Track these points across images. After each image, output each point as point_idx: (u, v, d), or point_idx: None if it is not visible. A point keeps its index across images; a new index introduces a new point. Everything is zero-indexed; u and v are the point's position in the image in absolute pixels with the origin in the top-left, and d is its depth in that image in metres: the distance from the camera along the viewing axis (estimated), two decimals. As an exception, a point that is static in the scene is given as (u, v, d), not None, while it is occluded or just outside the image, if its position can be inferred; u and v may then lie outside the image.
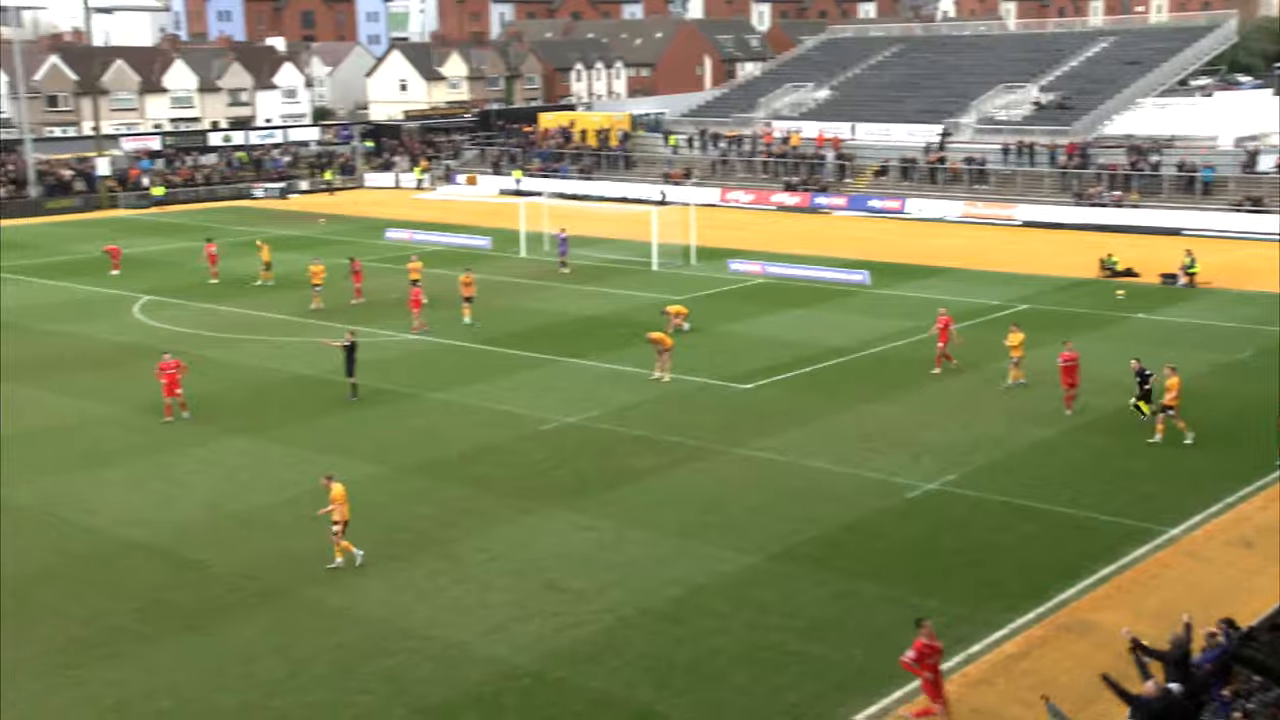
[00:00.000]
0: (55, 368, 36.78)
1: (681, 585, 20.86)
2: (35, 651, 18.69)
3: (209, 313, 44.89)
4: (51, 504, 25.05)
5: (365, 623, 19.62)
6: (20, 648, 18.79)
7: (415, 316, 40.77)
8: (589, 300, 46.39)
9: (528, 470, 26.98)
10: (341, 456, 27.88)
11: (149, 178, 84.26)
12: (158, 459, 27.96)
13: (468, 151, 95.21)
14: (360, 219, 72.51)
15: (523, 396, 32.96)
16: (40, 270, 55.40)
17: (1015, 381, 32.63)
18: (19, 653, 18.64)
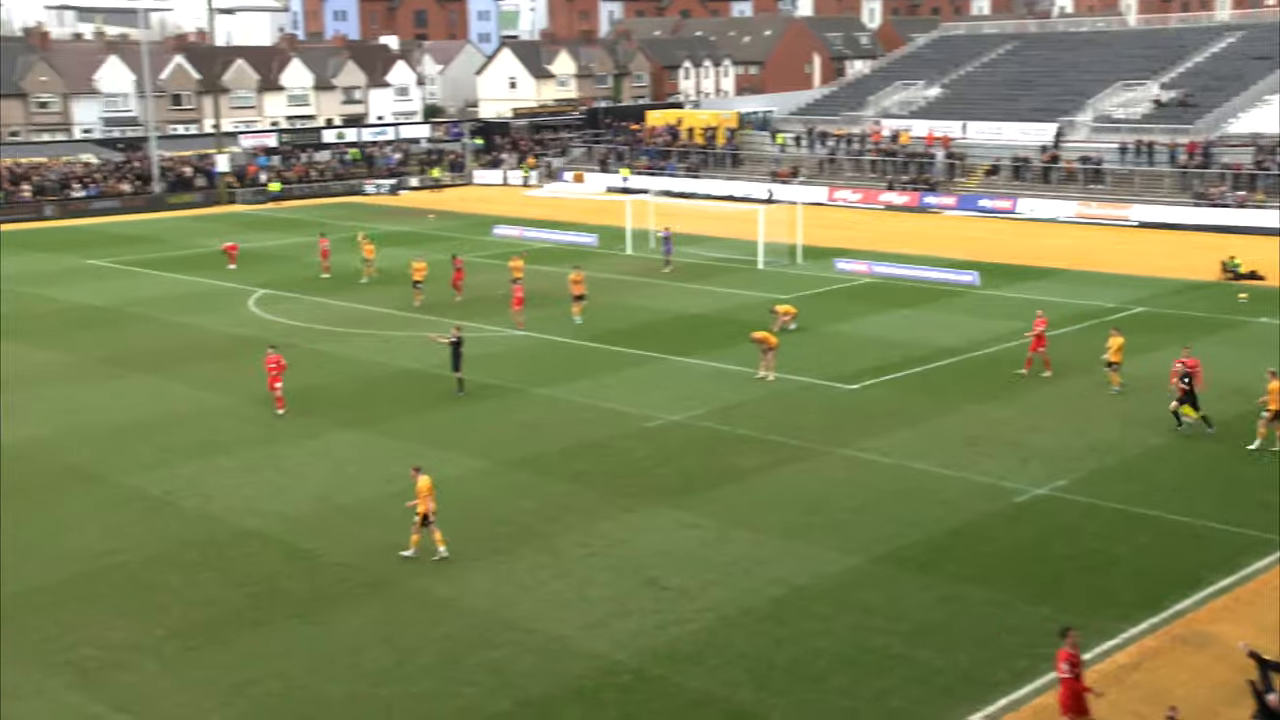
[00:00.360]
0: (176, 358, 37.86)
1: (784, 585, 20.73)
2: (158, 634, 19.27)
3: (321, 307, 45.81)
4: (172, 491, 25.80)
5: (470, 614, 19.84)
6: (144, 630, 19.39)
7: (516, 314, 41.06)
8: (694, 298, 46.34)
9: (630, 467, 27.04)
10: (447, 450, 28.24)
11: (266, 174, 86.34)
12: (270, 449, 28.62)
13: (575, 149, 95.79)
14: (468, 215, 73.38)
15: (627, 393, 33.05)
16: (164, 264, 57.08)
17: (1115, 387, 31.79)
18: (144, 634, 19.24)
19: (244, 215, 76.58)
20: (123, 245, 63.63)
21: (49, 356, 38.30)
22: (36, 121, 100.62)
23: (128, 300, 47.71)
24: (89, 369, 36.65)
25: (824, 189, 76.06)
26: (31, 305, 47.18)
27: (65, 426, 30.75)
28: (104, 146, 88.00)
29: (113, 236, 67.31)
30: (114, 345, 39.81)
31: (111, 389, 34.31)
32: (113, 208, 78.28)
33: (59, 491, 25.90)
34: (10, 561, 22.13)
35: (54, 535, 23.38)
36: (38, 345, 39.94)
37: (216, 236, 63.95)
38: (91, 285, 51.40)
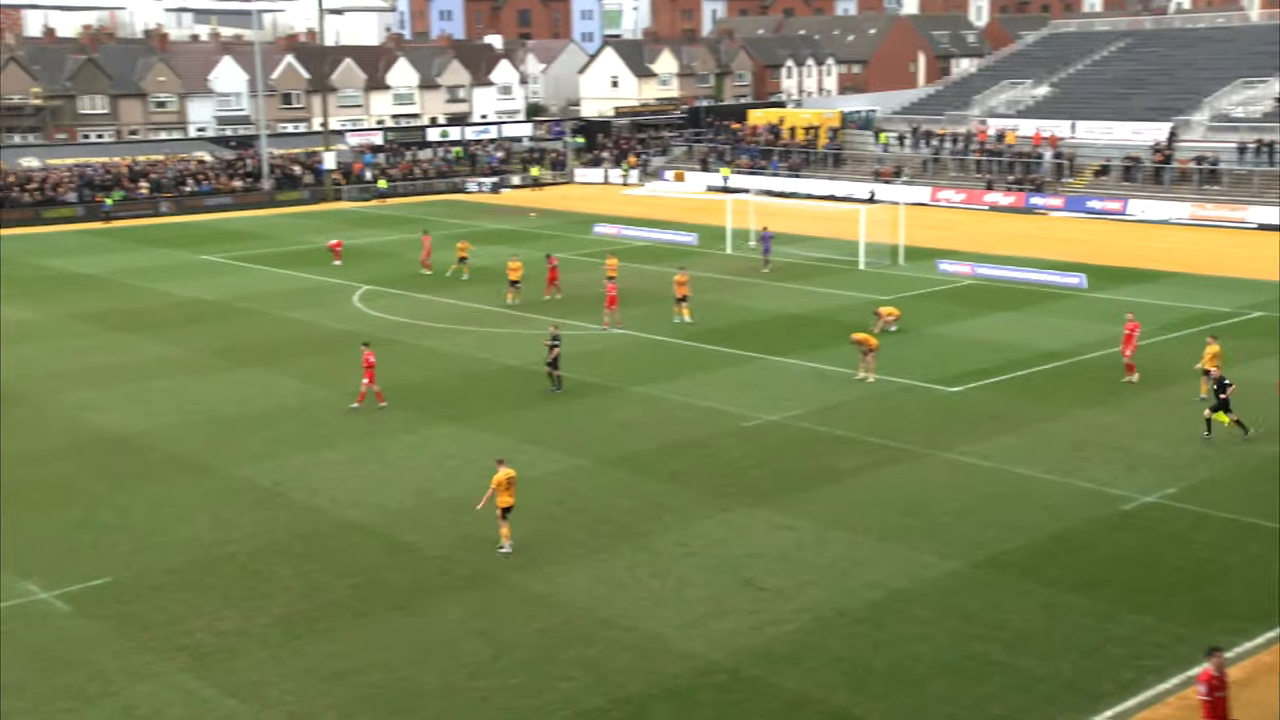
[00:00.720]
0: (283, 352, 38.73)
1: (881, 589, 20.56)
2: (264, 622, 19.75)
3: (423, 303, 46.49)
4: (280, 483, 26.41)
5: (566, 610, 20.00)
6: (252, 617, 19.89)
7: (610, 313, 41.10)
8: (794, 298, 46.12)
9: (728, 467, 27.02)
10: (546, 447, 28.49)
11: (371, 171, 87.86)
12: (372, 443, 29.13)
13: (676, 148, 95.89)
14: (569, 214, 73.88)
15: (725, 393, 33.02)
16: (272, 259, 58.44)
17: (1203, 396, 30.92)
18: (252, 622, 19.74)
19: (349, 212, 78.02)
20: (234, 241, 65.27)
21: (165, 350, 39.45)
22: (154, 120, 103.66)
23: (238, 295, 48.93)
24: (201, 362, 37.67)
25: (927, 189, 75.14)
26: (149, 299, 48.62)
27: (179, 418, 31.65)
28: (217, 144, 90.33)
29: (224, 232, 69.07)
30: (225, 339, 40.86)
31: (222, 382, 35.22)
32: (225, 204, 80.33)
33: (172, 482, 26.66)
34: (127, 549, 22.85)
35: (167, 524, 24.08)
36: (155, 338, 41.15)
37: (322, 233, 65.28)
38: (204, 280, 52.81)
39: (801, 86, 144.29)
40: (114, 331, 42.36)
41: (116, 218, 75.25)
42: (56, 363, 37.74)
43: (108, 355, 38.73)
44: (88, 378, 35.76)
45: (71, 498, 25.64)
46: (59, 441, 29.64)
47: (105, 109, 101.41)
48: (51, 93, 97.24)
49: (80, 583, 21.31)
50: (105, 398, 33.56)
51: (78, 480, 26.79)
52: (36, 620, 19.91)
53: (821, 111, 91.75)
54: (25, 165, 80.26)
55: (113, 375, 36.07)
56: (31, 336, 41.43)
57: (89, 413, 32.11)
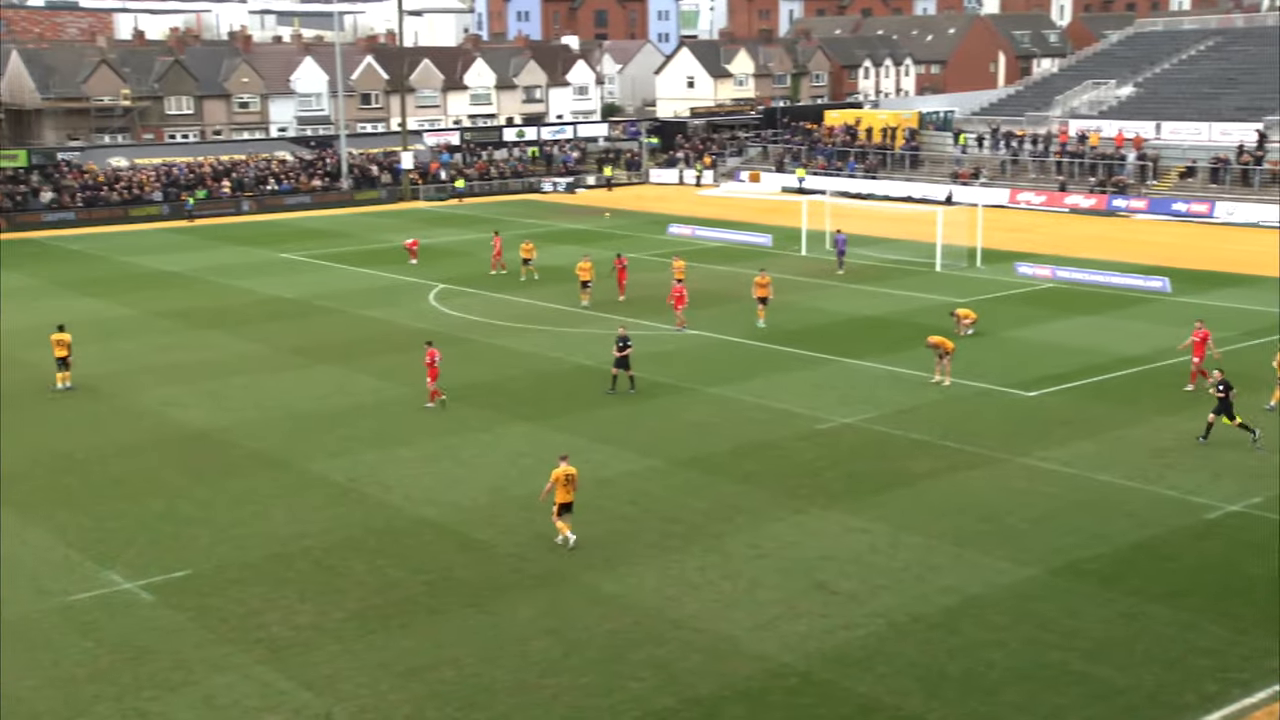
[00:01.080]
0: (360, 350, 39.23)
1: (956, 594, 20.33)
2: (339, 616, 20.00)
3: (498, 302, 46.82)
4: (355, 479, 26.75)
5: (637, 610, 20.02)
6: (327, 612, 20.16)
7: (678, 314, 40.91)
8: (869, 300, 45.79)
9: (801, 469, 26.90)
10: (619, 447, 28.56)
11: (447, 171, 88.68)
12: (446, 441, 29.39)
13: (751, 149, 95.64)
14: (644, 214, 73.98)
15: (799, 394, 32.88)
16: (350, 258, 59.22)
17: (1273, 403, 30.12)
18: (326, 616, 20.00)
19: (425, 211, 78.82)
20: (312, 239, 66.24)
21: (245, 346, 40.14)
22: (237, 121, 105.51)
23: (316, 293, 49.64)
24: (280, 359, 38.27)
25: (1005, 191, 74.18)
26: (230, 297, 49.51)
27: (257, 414, 32.19)
28: (297, 144, 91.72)
29: (303, 231, 70.14)
30: (303, 336, 41.47)
31: (300, 379, 35.76)
32: (304, 203, 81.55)
33: (250, 477, 27.12)
34: (207, 542, 23.28)
35: (246, 519, 24.49)
36: (235, 335, 41.90)
37: (399, 232, 66.00)
38: (284, 278, 53.65)
39: (879, 87, 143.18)
40: (197, 328, 43.19)
41: (199, 216, 76.76)
42: (143, 358, 38.58)
43: (190, 352, 39.50)
44: (172, 374, 36.50)
45: (155, 491, 26.19)
46: (144, 436, 30.29)
47: (190, 109, 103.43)
48: (140, 94, 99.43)
49: (162, 574, 21.75)
50: (188, 394, 34.22)
51: (161, 474, 27.35)
52: (121, 610, 20.35)
53: (899, 112, 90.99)
54: (114, 165, 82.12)
55: (195, 371, 36.77)
56: (121, 333, 42.38)
57: (173, 408, 32.77)
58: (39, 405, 33.26)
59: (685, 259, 48.40)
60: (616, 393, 32.89)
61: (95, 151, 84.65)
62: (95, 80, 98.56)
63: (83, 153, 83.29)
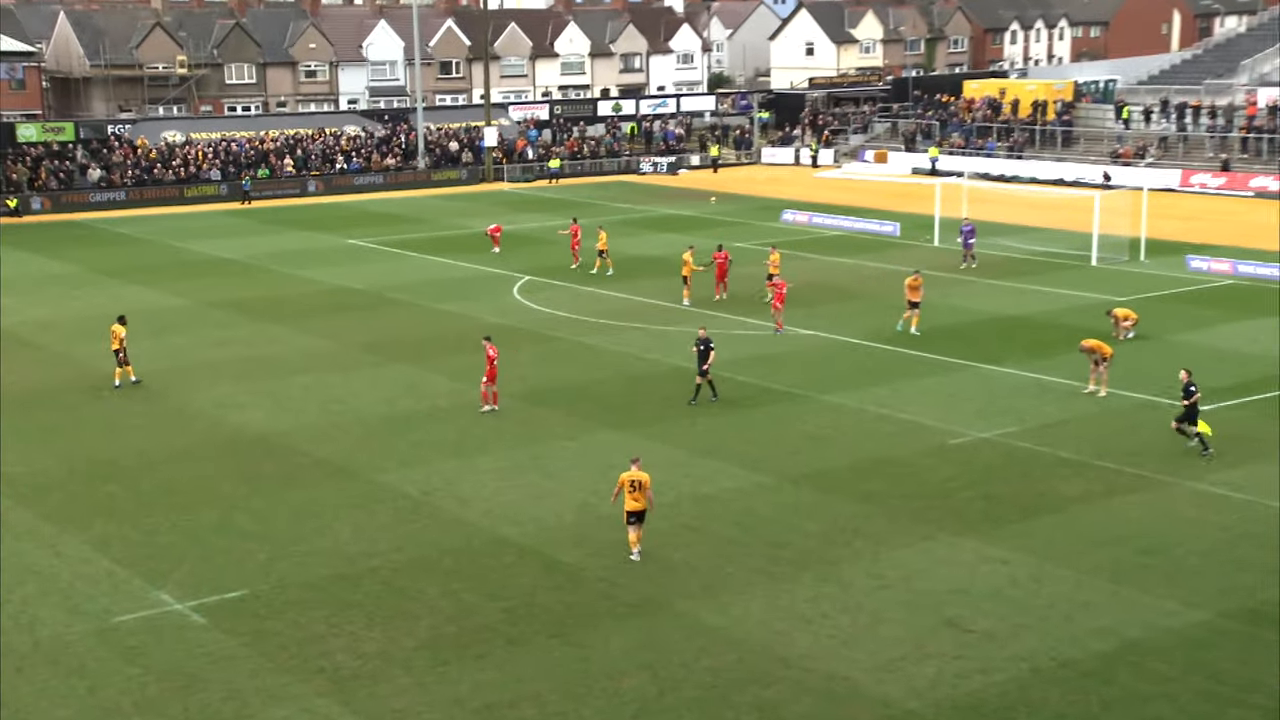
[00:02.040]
0: (436, 348, 39.71)
1: (1112, 638, 19.96)
2: (410, 645, 20.27)
3: (589, 296, 47.09)
4: (429, 492, 27.09)
5: (741, 645, 19.99)
6: (396, 640, 20.44)
7: (776, 314, 40.56)
8: (1011, 298, 45.18)
9: (931, 489, 26.65)
10: (722, 460, 28.54)
11: (535, 149, 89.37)
12: (530, 450, 29.63)
13: (878, 124, 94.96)
14: (754, 198, 73.87)
15: (929, 405, 32.59)
16: (425, 245, 60.00)
17: None
18: (395, 644, 20.28)
19: (510, 194, 79.57)
20: (384, 224, 67.26)
21: (309, 342, 40.88)
22: (304, 91, 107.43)
23: (388, 284, 50.38)
24: (348, 356, 38.91)
25: (1176, 172, 72.67)
26: (292, 287, 50.46)
27: (322, 417, 32.75)
28: (368, 118, 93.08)
29: (374, 214, 71.26)
30: (373, 332, 42.12)
31: (369, 378, 36.32)
32: (375, 183, 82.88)
33: (313, 487, 27.61)
34: (265, 559, 23.74)
35: (307, 534, 24.93)
36: (298, 329, 42.70)
37: (480, 217, 66.73)
38: (351, 267, 54.55)
39: (1027, 53, 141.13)
40: (256, 321, 44.11)
41: (258, 197, 78.30)
42: (197, 354, 39.49)
43: (249, 347, 40.35)
44: (228, 371, 37.32)
45: (208, 501, 26.79)
46: (197, 440, 31.01)
47: (253, 78, 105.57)
48: (197, 61, 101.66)
49: (216, 594, 22.24)
50: (245, 393, 34.96)
51: (215, 482, 27.97)
52: (170, 633, 20.83)
53: (1051, 82, 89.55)
54: (168, 140, 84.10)
55: (254, 369, 37.55)
56: (174, 325, 43.42)
57: (228, 410, 33.50)
58: (80, 405, 34.20)
59: (800, 250, 48.12)
60: (699, 403, 32.79)
61: (148, 125, 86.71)
62: (148, 46, 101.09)
63: (134, 126, 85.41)
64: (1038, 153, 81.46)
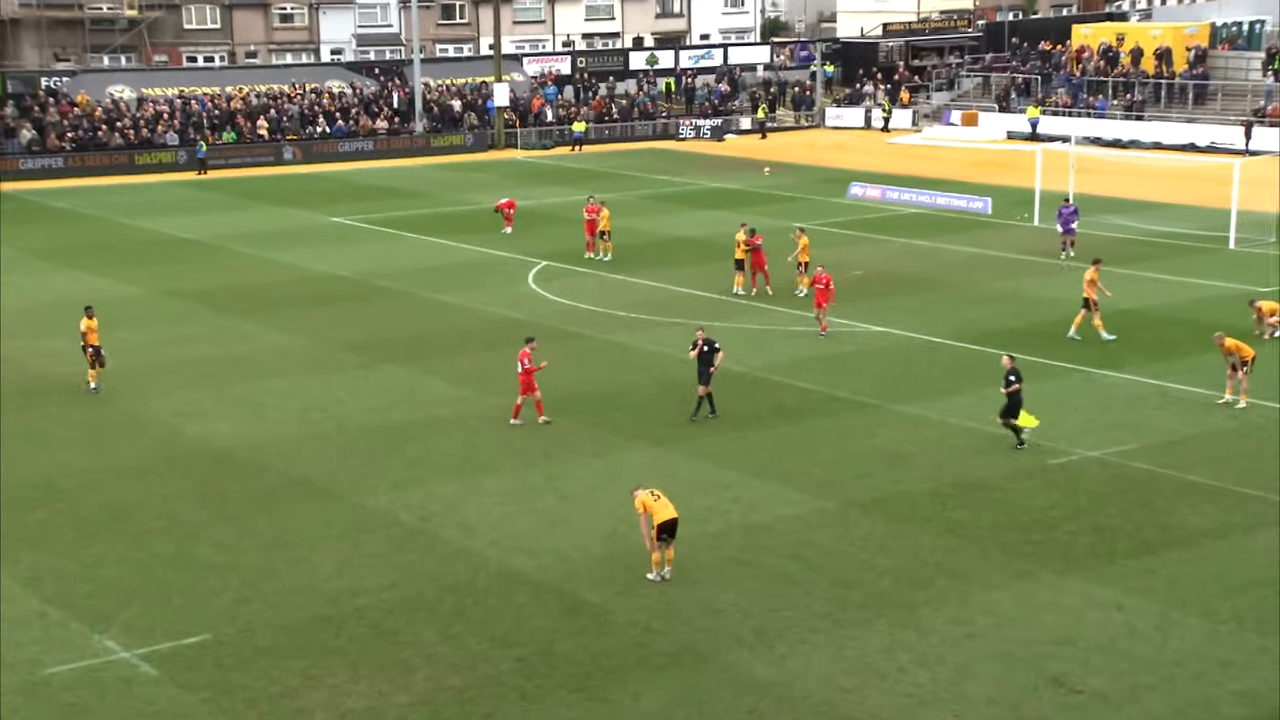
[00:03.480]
0: (435, 346, 39.78)
1: (1255, 704, 19.86)
2: (404, 700, 20.25)
3: (617, 285, 47.14)
4: (427, 519, 27.09)
5: (801, 703, 19.94)
6: (387, 695, 20.44)
7: (819, 314, 39.69)
8: (1128, 288, 44.96)
9: (1029, 518, 26.54)
10: (777, 483, 28.50)
11: (555, 110, 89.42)
12: (547, 469, 29.63)
13: (966, 79, 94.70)
14: (816, 169, 73.78)
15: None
16: (423, 224, 60.19)
17: None
18: (386, 700, 20.28)
19: (525, 163, 79.68)
20: (374, 199, 67.51)
21: (284, 339, 41.04)
22: (278, 39, 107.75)
23: (379, 270, 50.54)
24: (330, 357, 39.03)
25: (1338, 135, 72.01)
26: (266, 274, 50.70)
27: (300, 429, 32.85)
28: (355, 72, 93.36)
29: (362, 187, 71.54)
30: (360, 328, 42.25)
31: (356, 383, 36.41)
32: (363, 150, 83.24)
33: (289, 512, 27.66)
34: (231, 599, 23.77)
35: (282, 568, 24.96)
36: (272, 324, 42.85)
37: (489, 190, 66.90)
38: (336, 249, 54.75)
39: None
40: (222, 314, 44.31)
41: (218, 166, 78.56)
42: (152, 353, 39.67)
43: (214, 345, 40.52)
44: (189, 374, 37.47)
45: (164, 529, 26.85)
46: (151, 455, 31.12)
47: (217, 23, 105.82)
48: (150, 1, 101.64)
49: (171, 640, 22.26)
50: (210, 400, 35.11)
51: (172, 506, 28.04)
52: (115, 688, 20.81)
53: (1180, 25, 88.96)
54: (116, 95, 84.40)
55: (220, 371, 37.70)
56: (124, 319, 43.38)
57: (189, 419, 33.64)
58: (12, 414, 34.34)
59: (870, 231, 47.95)
60: (699, 419, 32.63)
61: (90, 78, 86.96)
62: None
63: (73, 79, 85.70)
64: (1163, 112, 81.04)
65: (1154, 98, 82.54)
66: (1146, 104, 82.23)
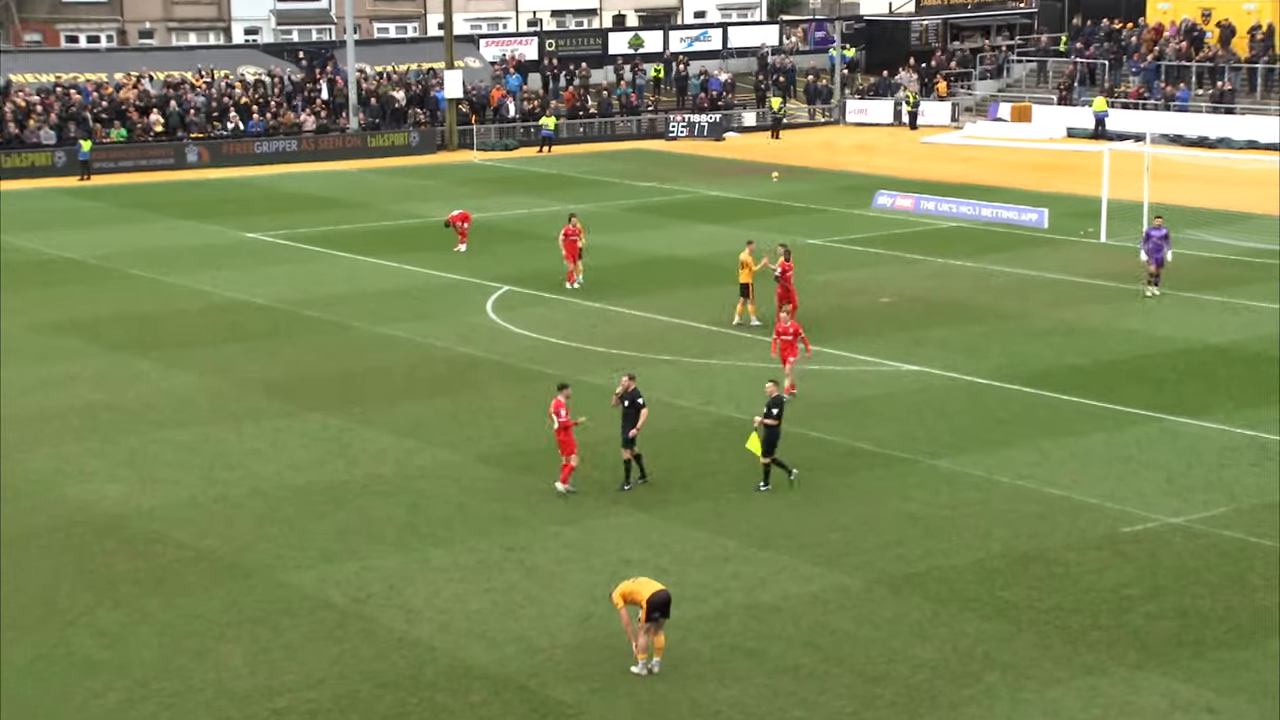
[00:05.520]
0: (372, 388, 39.69)
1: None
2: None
3: (592, 315, 47.21)
4: (360, 598, 26.90)
5: (818, 828, 19.87)
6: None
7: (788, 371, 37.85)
8: (1215, 319, 45.11)
9: (1097, 599, 26.50)
10: (789, 555, 28.42)
11: (518, 102, 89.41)
12: (508, 539, 29.46)
13: (1017, 66, 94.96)
14: (833, 174, 73.91)
15: (1091, 474, 32.56)
16: (360, 241, 60.15)
17: None
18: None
19: (482, 167, 79.69)
20: (299, 210, 67.47)
21: (188, 381, 40.86)
22: (180, 16, 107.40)
23: (304, 297, 50.46)
24: (244, 402, 38.90)
25: None
26: (165, 301, 50.52)
27: (206, 490, 32.63)
28: (275, 56, 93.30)
29: (284, 196, 71.54)
30: (282, 366, 42.17)
31: (276, 434, 36.28)
32: (285, 152, 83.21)
33: (192, 592, 27.43)
34: (117, 699, 23.51)
35: (183, 663, 24.73)
36: (172, 362, 42.65)
37: (439, 200, 66.86)
38: (251, 272, 54.66)
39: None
40: (111, 350, 44.10)
41: (102, 170, 78.25)
42: (24, 399, 39.36)
43: (100, 388, 40.31)
44: (70, 424, 37.25)
45: (35, 615, 26.57)
46: (22, 524, 30.76)
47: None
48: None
49: (46, 748, 22.17)
50: (94, 456, 34.90)
51: (47, 586, 27.75)
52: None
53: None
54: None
55: (107, 421, 37.50)
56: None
57: (69, 480, 33.39)
58: None
59: (900, 248, 47.95)
60: (631, 486, 32.32)
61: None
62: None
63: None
64: (1259, 104, 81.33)
65: (1247, 86, 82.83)
66: (1238, 94, 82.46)
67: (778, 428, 31.72)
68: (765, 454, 31.68)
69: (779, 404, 31.93)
